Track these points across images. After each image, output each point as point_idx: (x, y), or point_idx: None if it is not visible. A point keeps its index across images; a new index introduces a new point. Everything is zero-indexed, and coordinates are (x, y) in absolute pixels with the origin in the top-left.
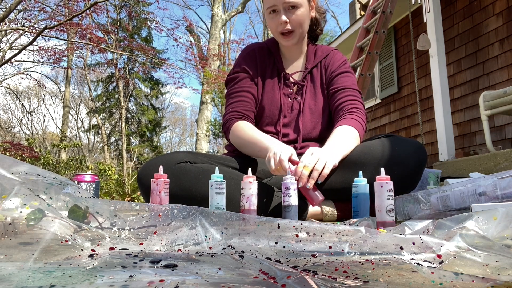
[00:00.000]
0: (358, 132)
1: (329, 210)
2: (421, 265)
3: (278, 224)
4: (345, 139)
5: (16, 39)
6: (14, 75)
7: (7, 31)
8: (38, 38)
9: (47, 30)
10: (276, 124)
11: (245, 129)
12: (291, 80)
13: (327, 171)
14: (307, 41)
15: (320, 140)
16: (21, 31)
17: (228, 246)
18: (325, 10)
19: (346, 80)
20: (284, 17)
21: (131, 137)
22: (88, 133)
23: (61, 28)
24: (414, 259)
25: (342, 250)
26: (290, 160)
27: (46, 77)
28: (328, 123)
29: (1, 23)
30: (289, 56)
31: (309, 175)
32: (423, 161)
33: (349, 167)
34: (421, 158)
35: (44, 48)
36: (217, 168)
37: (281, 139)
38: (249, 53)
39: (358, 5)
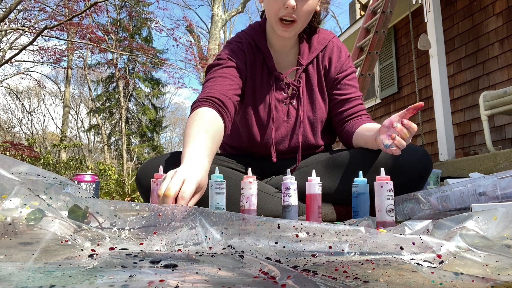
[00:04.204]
0: None
1: (329, 213)
2: (421, 265)
3: (278, 224)
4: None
5: (16, 39)
6: (14, 75)
7: (7, 31)
8: (38, 38)
9: (47, 30)
10: (269, 135)
11: (193, 121)
12: (285, 81)
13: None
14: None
15: (320, 151)
16: (21, 31)
17: (228, 246)
18: (329, 0)
19: (354, 84)
20: (293, 2)
21: (131, 137)
22: (88, 133)
23: (61, 28)
24: (414, 259)
25: (342, 250)
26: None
27: (46, 77)
28: (326, 132)
29: (1, 23)
30: (279, 46)
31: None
32: (428, 169)
33: (351, 172)
34: (426, 166)
35: (44, 48)
36: (217, 168)
37: (276, 155)
38: (238, 45)
39: (358, 5)
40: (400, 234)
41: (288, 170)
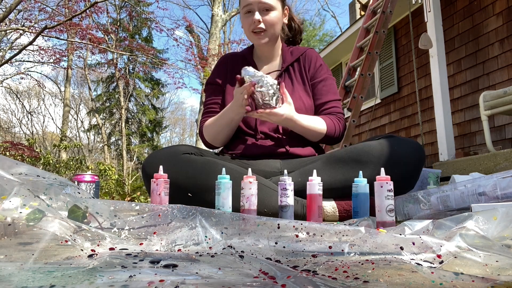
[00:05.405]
0: (327, 126)
1: (330, 210)
2: (421, 265)
3: (278, 224)
4: (312, 119)
5: (16, 39)
6: (14, 75)
7: (7, 31)
8: (38, 38)
9: (47, 30)
10: (254, 123)
11: (213, 118)
12: None
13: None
14: (282, 44)
15: (303, 138)
16: (21, 31)
17: (228, 246)
18: (302, 21)
19: (329, 90)
20: (257, 16)
21: (131, 137)
22: (88, 133)
23: (61, 28)
24: (414, 259)
25: (342, 250)
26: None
27: (46, 77)
28: None
29: (1, 23)
30: (264, 58)
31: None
32: (422, 161)
33: (350, 166)
34: (420, 158)
35: (44, 48)
36: (224, 169)
37: (259, 136)
38: (221, 61)
39: (358, 5)
40: (400, 234)
41: (285, 171)
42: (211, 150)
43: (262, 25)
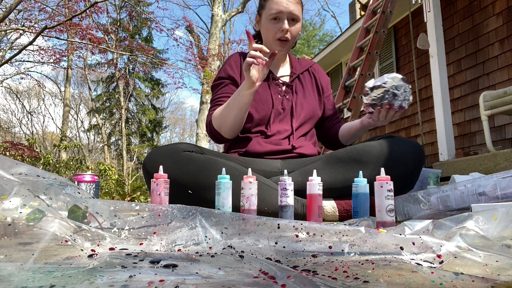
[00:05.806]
0: None
1: (330, 210)
2: (421, 265)
3: (278, 224)
4: None
5: (16, 39)
6: (14, 75)
7: (7, 31)
8: (38, 38)
9: (47, 30)
10: (268, 121)
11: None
12: (280, 81)
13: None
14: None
15: (309, 138)
16: (21, 31)
17: (228, 246)
18: None
19: (333, 104)
20: (287, 26)
21: (131, 137)
22: (88, 133)
23: (61, 28)
24: (414, 259)
25: (342, 250)
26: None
27: (46, 77)
28: (316, 125)
29: (1, 23)
30: (275, 62)
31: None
32: (422, 160)
33: (350, 165)
34: (419, 157)
35: (44, 48)
36: (224, 169)
37: (271, 132)
38: (234, 58)
39: (358, 5)
40: (400, 234)
41: (285, 171)
42: (212, 150)
43: (288, 35)
